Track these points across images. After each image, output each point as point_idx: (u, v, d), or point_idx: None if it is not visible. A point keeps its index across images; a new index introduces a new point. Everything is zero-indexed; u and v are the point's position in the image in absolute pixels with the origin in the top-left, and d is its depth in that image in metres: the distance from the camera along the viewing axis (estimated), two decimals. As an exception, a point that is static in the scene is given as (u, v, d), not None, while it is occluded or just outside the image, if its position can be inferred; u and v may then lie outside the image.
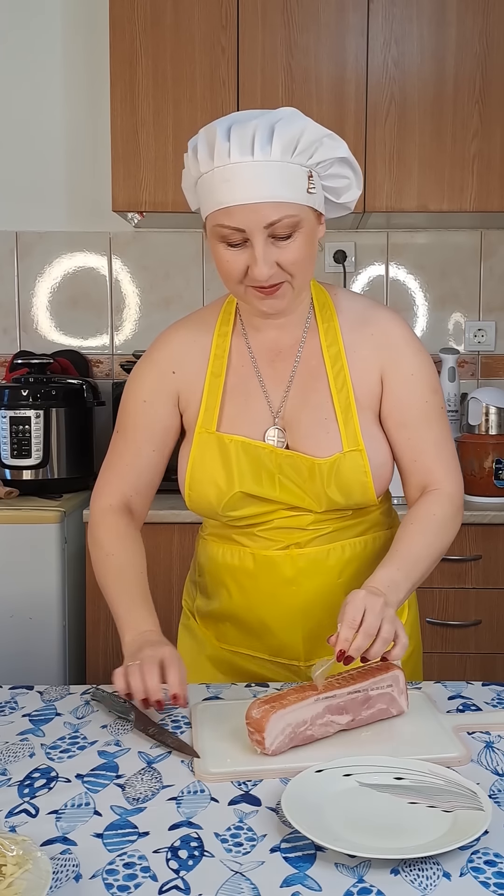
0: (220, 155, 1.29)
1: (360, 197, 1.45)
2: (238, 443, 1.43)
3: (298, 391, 1.46)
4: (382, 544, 1.51)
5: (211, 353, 1.48)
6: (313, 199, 1.34)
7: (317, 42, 2.66)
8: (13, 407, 2.67)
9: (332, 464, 1.41)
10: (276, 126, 1.29)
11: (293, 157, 1.30)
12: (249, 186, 1.28)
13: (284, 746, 1.18)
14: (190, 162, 1.35)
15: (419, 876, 0.92)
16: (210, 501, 1.44)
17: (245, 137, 1.28)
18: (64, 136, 3.08)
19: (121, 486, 1.51)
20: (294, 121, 1.31)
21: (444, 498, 1.45)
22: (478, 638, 2.56)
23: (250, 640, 1.52)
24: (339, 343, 1.45)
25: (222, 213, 1.30)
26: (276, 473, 1.42)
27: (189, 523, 2.49)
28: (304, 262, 1.35)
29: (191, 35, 2.66)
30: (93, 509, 1.52)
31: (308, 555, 1.46)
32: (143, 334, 3.12)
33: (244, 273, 1.34)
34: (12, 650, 2.49)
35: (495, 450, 2.68)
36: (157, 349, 1.53)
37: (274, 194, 1.29)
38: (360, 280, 3.11)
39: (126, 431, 1.51)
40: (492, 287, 3.10)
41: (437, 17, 2.65)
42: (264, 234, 1.30)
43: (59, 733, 1.28)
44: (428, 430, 1.46)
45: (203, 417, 1.45)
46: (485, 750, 1.21)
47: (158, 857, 0.96)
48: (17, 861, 0.89)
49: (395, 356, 1.46)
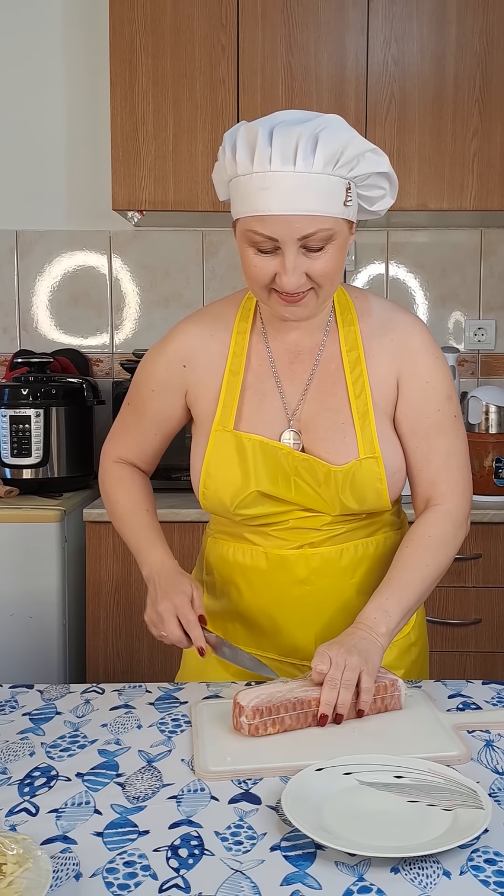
0: (260, 160, 1.26)
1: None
2: (256, 442, 1.43)
3: (316, 394, 1.45)
4: (393, 544, 1.52)
5: (230, 350, 1.47)
6: (349, 212, 1.32)
7: (317, 40, 2.66)
8: (13, 406, 2.67)
9: (347, 471, 1.40)
10: (320, 136, 1.26)
11: (334, 170, 1.27)
12: (288, 197, 1.26)
13: (265, 704, 1.20)
14: (226, 159, 1.31)
15: (419, 874, 0.92)
16: (223, 500, 1.44)
17: (288, 145, 1.25)
18: (64, 134, 3.07)
19: (126, 453, 1.61)
20: (339, 132, 1.28)
21: (443, 517, 1.44)
22: (478, 637, 2.56)
23: (260, 640, 1.52)
24: (359, 348, 1.44)
25: (256, 220, 1.28)
26: (292, 475, 1.42)
27: (189, 522, 2.49)
28: (333, 274, 1.34)
29: (191, 34, 2.66)
30: (101, 466, 1.63)
31: (321, 555, 1.46)
32: (143, 333, 3.12)
33: (271, 279, 1.32)
34: (12, 649, 2.49)
35: (495, 448, 2.68)
36: (172, 340, 1.52)
37: (311, 207, 1.26)
38: (360, 279, 3.11)
39: (135, 410, 1.57)
40: (492, 286, 3.10)
41: (438, 15, 2.65)
42: (297, 245, 1.28)
43: (60, 732, 1.28)
44: (438, 439, 1.45)
45: (220, 415, 1.45)
46: (485, 748, 1.21)
47: (158, 856, 0.96)
48: (17, 860, 0.89)
49: (412, 362, 1.44)
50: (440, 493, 1.45)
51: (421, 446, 1.45)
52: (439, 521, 1.44)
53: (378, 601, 1.36)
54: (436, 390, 1.45)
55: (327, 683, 1.24)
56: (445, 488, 1.45)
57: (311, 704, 1.24)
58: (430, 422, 1.45)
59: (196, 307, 3.08)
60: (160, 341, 1.54)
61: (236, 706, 1.22)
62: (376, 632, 1.32)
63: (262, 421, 1.45)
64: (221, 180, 1.37)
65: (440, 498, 1.45)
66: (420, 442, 1.45)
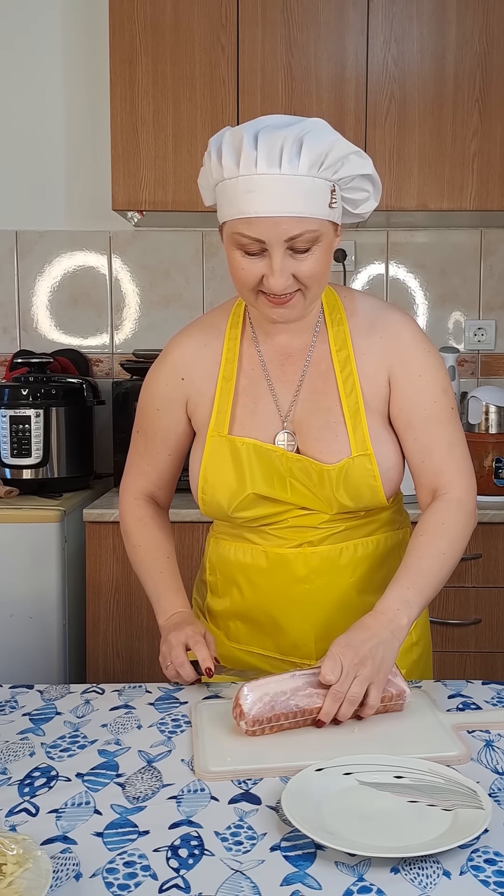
0: (246, 164, 1.28)
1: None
2: (250, 445, 1.44)
3: (308, 395, 1.46)
4: (394, 543, 1.51)
5: (222, 357, 1.49)
6: (334, 214, 1.34)
7: (317, 41, 2.66)
8: (13, 406, 2.67)
9: (340, 469, 1.41)
10: (305, 139, 1.28)
11: (319, 172, 1.29)
12: (274, 200, 1.28)
13: (265, 714, 1.19)
14: (212, 164, 1.34)
15: (419, 874, 0.92)
16: (221, 504, 1.45)
17: (273, 149, 1.27)
18: (64, 134, 3.07)
19: (143, 482, 1.60)
20: (323, 135, 1.30)
21: (454, 504, 1.43)
22: (478, 637, 2.56)
23: (261, 639, 1.52)
24: (349, 347, 1.45)
25: (243, 223, 1.30)
26: (287, 476, 1.43)
27: (189, 522, 2.49)
28: (319, 275, 1.35)
29: (190, 34, 2.66)
30: (121, 503, 1.62)
31: (321, 553, 1.46)
32: (142, 333, 3.12)
33: (258, 281, 1.34)
34: (12, 649, 2.49)
35: (495, 448, 2.68)
36: (168, 355, 1.54)
37: (297, 209, 1.28)
38: (360, 279, 3.11)
39: (144, 435, 1.57)
40: (492, 286, 3.10)
41: (437, 15, 2.65)
42: (283, 246, 1.30)
43: (60, 732, 1.28)
44: (437, 430, 1.45)
45: (215, 421, 1.46)
46: (485, 748, 1.21)
47: (158, 856, 0.96)
48: (17, 860, 0.89)
49: (403, 358, 1.45)
50: (446, 481, 1.45)
51: (420, 438, 1.45)
52: (451, 509, 1.43)
53: (398, 591, 1.34)
54: (429, 383, 1.45)
55: (331, 695, 1.22)
56: (451, 477, 1.45)
57: (312, 713, 1.23)
58: (427, 414, 1.45)
59: (196, 307, 3.10)
60: (157, 359, 1.55)
61: (237, 707, 1.21)
62: (397, 624, 1.30)
63: (256, 424, 1.46)
64: (207, 185, 1.38)
65: (447, 486, 1.45)
66: (419, 434, 1.45)
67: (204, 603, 1.62)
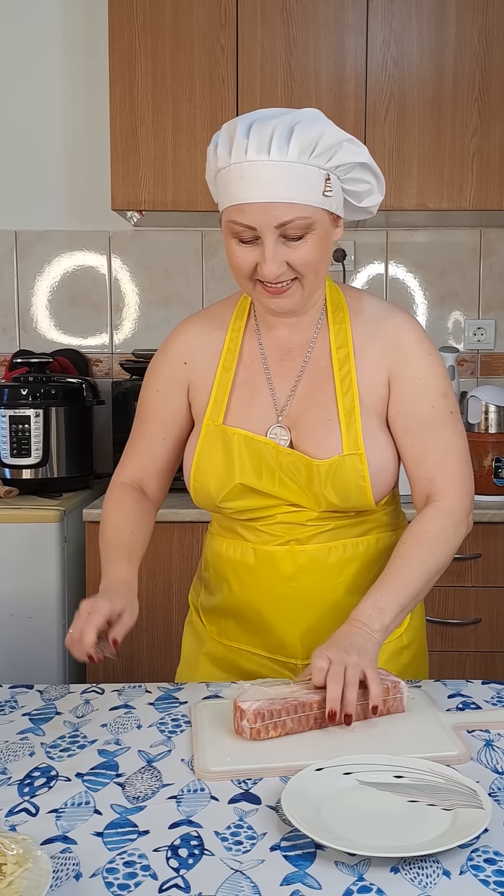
0: (237, 152, 1.30)
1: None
2: (241, 436, 1.44)
3: (305, 391, 1.46)
4: (387, 545, 1.51)
5: (224, 347, 1.50)
6: (329, 202, 1.34)
7: (316, 40, 2.66)
8: (13, 406, 2.67)
9: (329, 465, 1.41)
10: (296, 127, 1.29)
11: (310, 159, 1.30)
12: (263, 186, 1.29)
13: (266, 708, 1.19)
14: (210, 156, 1.37)
15: (419, 874, 0.92)
16: (210, 491, 1.45)
17: (263, 136, 1.29)
18: (63, 134, 3.07)
19: (134, 468, 1.57)
20: (314, 123, 1.31)
21: (441, 513, 1.43)
22: (477, 636, 2.56)
23: (250, 637, 1.52)
24: (349, 346, 1.45)
25: (235, 210, 1.32)
26: (277, 470, 1.43)
27: (189, 522, 2.49)
28: (314, 263, 1.35)
29: (190, 34, 2.66)
30: (109, 487, 1.59)
31: (308, 552, 1.46)
32: (142, 333, 3.12)
33: (254, 269, 1.35)
34: (12, 649, 2.49)
35: (495, 448, 2.68)
36: (173, 340, 1.55)
37: (287, 195, 1.29)
38: (360, 279, 3.11)
39: (143, 419, 1.57)
40: (491, 285, 3.10)
41: (437, 15, 2.65)
42: (275, 233, 1.31)
43: (59, 732, 1.28)
44: (434, 436, 1.44)
45: (211, 410, 1.47)
46: (484, 748, 1.21)
47: (158, 856, 0.96)
48: (17, 860, 0.89)
49: (403, 360, 1.45)
50: (438, 490, 1.45)
51: (416, 444, 1.45)
52: (437, 518, 1.43)
53: (373, 598, 1.35)
54: (428, 387, 1.45)
55: (331, 678, 1.23)
56: (443, 485, 1.45)
57: (313, 707, 1.23)
58: (425, 419, 1.44)
59: (195, 307, 3.10)
60: (162, 344, 1.57)
61: (237, 710, 1.21)
62: (371, 628, 1.31)
63: (251, 416, 1.46)
64: (211, 179, 1.41)
65: (438, 495, 1.45)
66: (415, 439, 1.45)
67: (198, 599, 1.62)
